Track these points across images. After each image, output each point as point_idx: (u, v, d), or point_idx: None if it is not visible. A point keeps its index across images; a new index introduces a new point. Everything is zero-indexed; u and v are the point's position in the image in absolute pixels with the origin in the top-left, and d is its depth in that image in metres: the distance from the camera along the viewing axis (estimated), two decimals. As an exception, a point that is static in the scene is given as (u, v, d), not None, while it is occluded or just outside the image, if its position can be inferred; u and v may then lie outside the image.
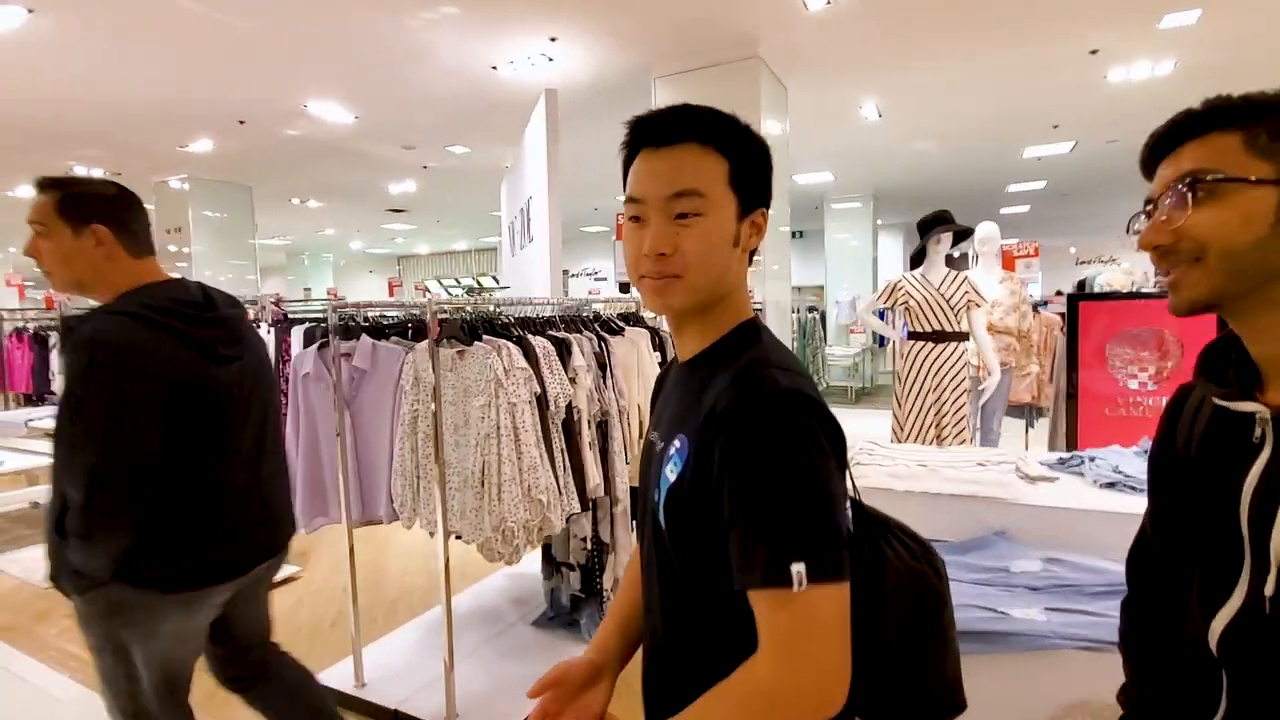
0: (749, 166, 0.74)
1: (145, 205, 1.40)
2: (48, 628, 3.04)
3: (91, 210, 1.28)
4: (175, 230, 7.52)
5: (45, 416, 4.44)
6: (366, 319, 2.34)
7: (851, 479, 0.76)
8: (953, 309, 2.99)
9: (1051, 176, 9.48)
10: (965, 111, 6.22)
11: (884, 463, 2.39)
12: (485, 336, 2.08)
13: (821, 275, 10.54)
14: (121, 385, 1.19)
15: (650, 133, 0.74)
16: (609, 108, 5.41)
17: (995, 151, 7.85)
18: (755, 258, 0.82)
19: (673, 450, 0.73)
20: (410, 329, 2.38)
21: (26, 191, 8.09)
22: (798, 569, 0.60)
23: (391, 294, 11.56)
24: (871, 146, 7.44)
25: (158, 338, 1.25)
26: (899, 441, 3.06)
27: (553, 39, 4.32)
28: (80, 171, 7.23)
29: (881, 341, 10.28)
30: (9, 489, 4.39)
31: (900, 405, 3.09)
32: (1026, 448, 4.52)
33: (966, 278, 3.04)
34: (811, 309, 6.28)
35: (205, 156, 6.86)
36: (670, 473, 0.72)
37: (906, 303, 3.07)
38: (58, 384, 6.17)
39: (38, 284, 11.96)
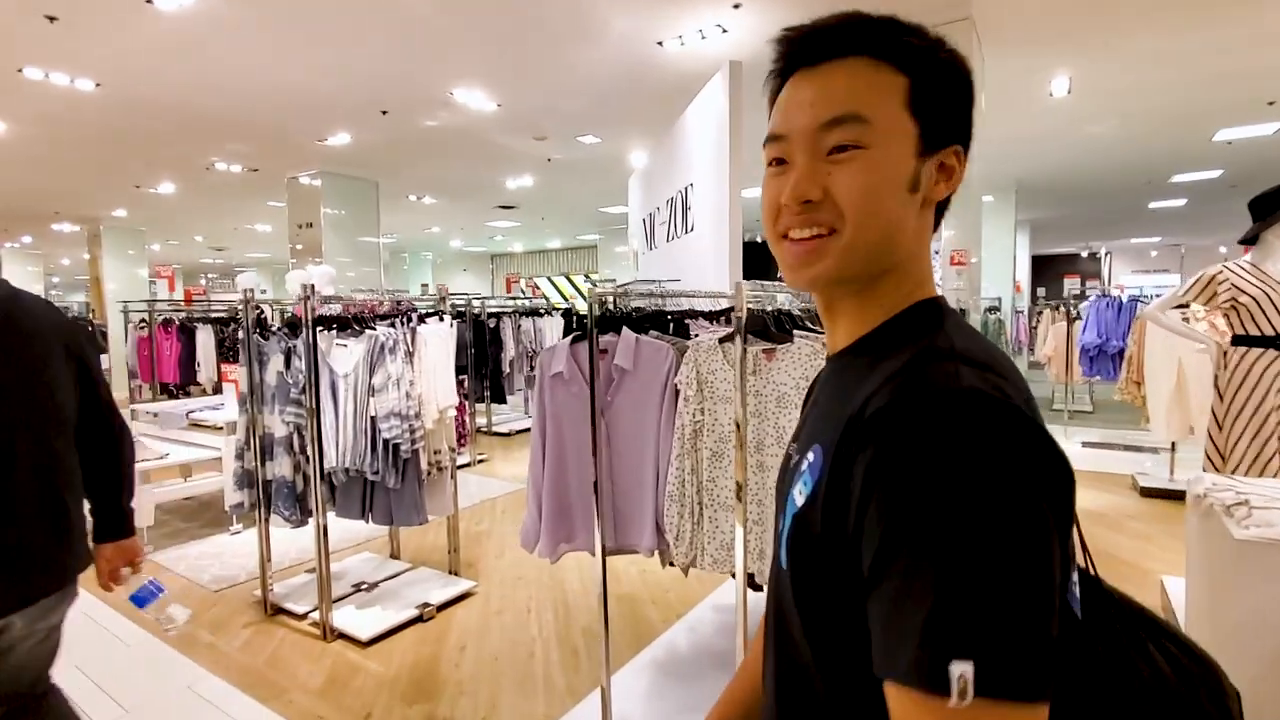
0: (938, 86, 0.55)
1: None
2: (227, 638, 2.84)
3: None
4: (306, 226, 7.56)
5: (205, 409, 4.37)
6: (617, 307, 1.96)
7: (1081, 542, 0.54)
8: (1306, 308, 2.36)
9: (1233, 164, 8.42)
10: (1166, 86, 5.47)
11: (1289, 506, 1.83)
12: (799, 331, 1.65)
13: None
14: None
15: (805, 49, 0.56)
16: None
17: (1181, 133, 6.97)
18: (942, 220, 0.60)
19: (805, 466, 0.53)
20: (670, 322, 1.99)
21: (169, 189, 8.37)
22: (961, 671, 0.38)
23: (509, 290, 11.47)
24: (1039, 130, 6.70)
25: None
26: (1217, 473, 2.45)
27: (736, 5, 3.91)
28: (220, 168, 7.37)
29: (1021, 348, 9.37)
30: (167, 481, 4.33)
31: (1222, 429, 2.48)
32: None
33: (1319, 269, 2.40)
34: (992, 309, 5.60)
35: (338, 151, 6.84)
36: (799, 495, 0.52)
37: (1234, 299, 2.47)
38: (203, 374, 6.23)
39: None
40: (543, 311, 8.10)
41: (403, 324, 2.96)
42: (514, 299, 8.99)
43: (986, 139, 6.84)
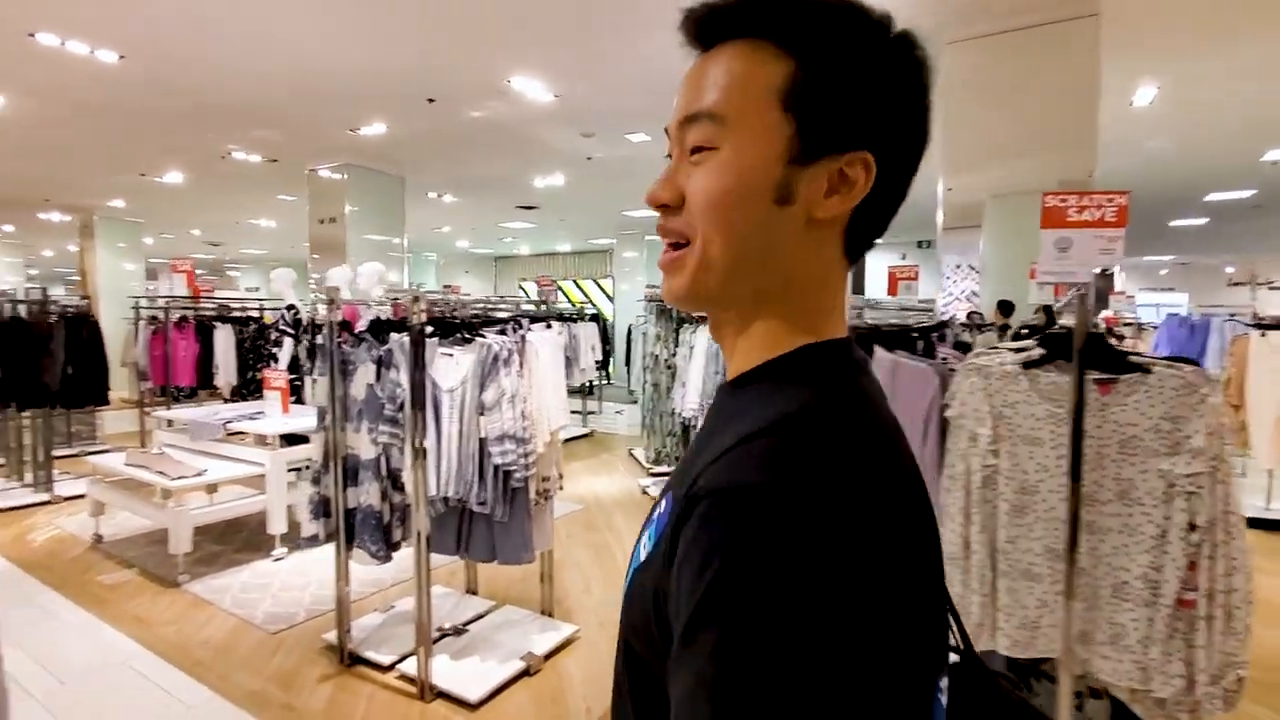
0: (837, 75, 0.43)
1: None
2: (303, 697, 2.43)
3: None
4: (329, 220, 7.11)
5: (242, 418, 3.93)
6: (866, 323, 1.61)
7: (960, 629, 0.51)
8: None
9: (1267, 185, 8.38)
10: (1245, 100, 5.29)
11: None
12: (1156, 361, 1.32)
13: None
14: None
15: (698, 31, 0.48)
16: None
17: (1231, 151, 6.86)
18: (866, 249, 0.49)
19: (656, 515, 0.47)
20: (921, 336, 1.64)
21: (176, 178, 7.86)
22: None
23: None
24: (1101, 140, 6.50)
25: None
26: None
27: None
28: (237, 157, 6.90)
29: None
30: (196, 500, 3.88)
31: None
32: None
33: None
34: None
35: (369, 143, 6.42)
36: (644, 546, 0.46)
37: None
38: (221, 377, 5.76)
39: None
40: (573, 317, 7.75)
41: (513, 331, 2.58)
42: (542, 303, 8.59)
43: (1021, 146, 6.68)
